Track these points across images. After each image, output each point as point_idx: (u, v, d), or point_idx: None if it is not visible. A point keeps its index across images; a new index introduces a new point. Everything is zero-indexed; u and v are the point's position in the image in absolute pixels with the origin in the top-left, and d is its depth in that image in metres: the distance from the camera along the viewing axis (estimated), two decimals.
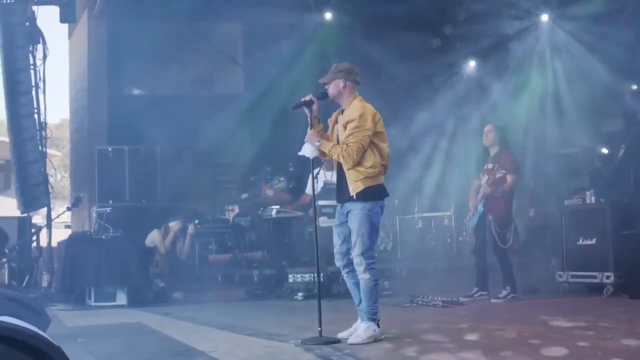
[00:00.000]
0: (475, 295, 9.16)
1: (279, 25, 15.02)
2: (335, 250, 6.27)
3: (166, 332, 7.04)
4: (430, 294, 8.85)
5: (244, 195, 12.62)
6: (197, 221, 12.40)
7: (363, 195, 5.93)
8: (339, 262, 6.24)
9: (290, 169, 13.96)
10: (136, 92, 17.05)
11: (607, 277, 8.71)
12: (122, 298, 10.19)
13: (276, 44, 15.12)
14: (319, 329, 5.91)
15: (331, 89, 6.12)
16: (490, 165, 9.30)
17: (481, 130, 9.94)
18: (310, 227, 12.54)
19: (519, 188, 10.52)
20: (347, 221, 6.10)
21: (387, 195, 6.23)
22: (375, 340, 5.84)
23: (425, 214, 14.44)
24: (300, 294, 10.38)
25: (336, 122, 6.28)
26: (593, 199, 9.37)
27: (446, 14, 13.86)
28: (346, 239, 6.10)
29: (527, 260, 12.89)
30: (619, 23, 12.38)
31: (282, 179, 13.10)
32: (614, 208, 9.04)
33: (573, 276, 9.32)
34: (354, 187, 5.93)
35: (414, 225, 14.40)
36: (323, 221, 10.50)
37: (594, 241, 9.06)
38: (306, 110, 6.17)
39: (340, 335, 6.02)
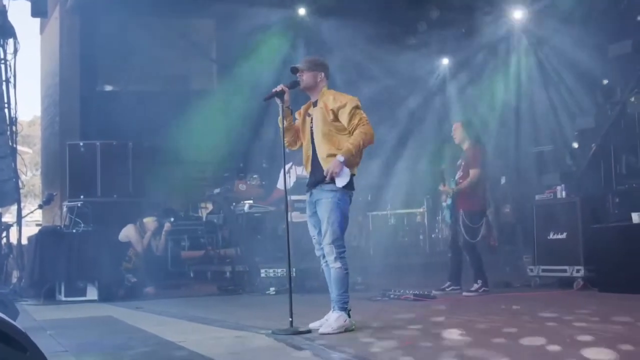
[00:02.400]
0: (447, 290, 9.21)
1: (252, 21, 14.94)
2: (314, 241, 6.27)
3: (136, 325, 7.00)
4: (402, 288, 8.87)
5: (217, 191, 12.55)
6: (172, 219, 12.32)
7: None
8: (318, 252, 6.24)
9: (264, 165, 13.95)
10: (109, 88, 16.92)
11: (578, 271, 8.79)
12: (92, 293, 10.12)
13: (250, 40, 15.05)
14: (290, 319, 5.90)
15: (307, 80, 6.12)
16: (461, 161, 9.38)
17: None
18: (283, 223, 12.55)
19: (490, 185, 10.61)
20: (316, 211, 6.09)
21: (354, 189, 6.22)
22: (347, 330, 5.83)
23: (398, 211, 14.48)
24: (272, 288, 10.38)
25: (307, 114, 6.26)
26: (564, 193, 9.45)
27: (420, 11, 13.85)
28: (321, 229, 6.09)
29: (499, 256, 13.02)
30: (590, 20, 12.48)
31: (255, 176, 13.06)
32: (585, 203, 9.11)
33: (544, 270, 9.39)
34: None
35: (387, 221, 14.44)
36: (296, 216, 10.52)
37: (564, 235, 9.14)
38: (278, 101, 6.18)
39: (312, 325, 6.01)
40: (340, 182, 5.91)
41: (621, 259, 8.06)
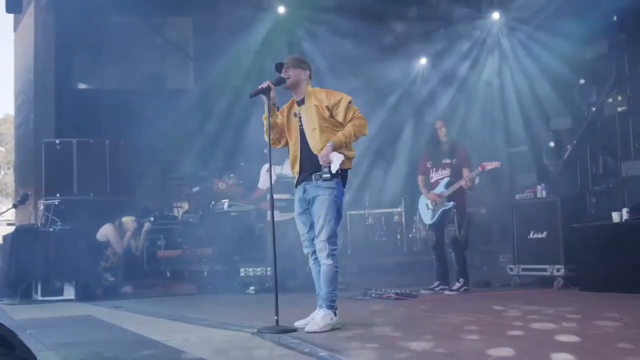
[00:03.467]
0: (436, 289, 9.21)
1: (229, 20, 14.87)
2: (302, 239, 6.23)
3: (117, 324, 6.92)
4: (383, 287, 8.86)
5: (196, 189, 12.46)
6: (152, 218, 12.22)
7: (342, 174, 5.99)
8: (307, 249, 6.20)
9: (241, 164, 13.87)
10: (84, 86, 16.74)
11: (558, 270, 8.83)
12: (69, 292, 10.01)
13: (227, 39, 14.96)
14: (276, 317, 5.85)
15: (293, 77, 6.09)
16: (447, 160, 9.36)
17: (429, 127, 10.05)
18: (260, 222, 12.49)
19: None
20: (309, 208, 6.05)
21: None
22: (333, 328, 5.80)
23: (376, 210, 14.48)
24: (252, 287, 10.34)
25: (294, 114, 6.22)
26: (544, 193, 9.48)
27: (398, 10, 13.87)
28: (312, 226, 6.06)
29: (476, 256, 13.05)
30: (567, 20, 12.55)
31: (232, 175, 12.99)
32: (565, 202, 9.15)
33: (524, 269, 9.42)
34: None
35: (364, 220, 14.44)
36: (276, 215, 10.45)
37: (544, 235, 9.18)
38: (264, 98, 6.12)
39: (297, 324, 5.98)
40: (335, 166, 5.90)
41: (601, 258, 8.10)
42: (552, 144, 13.50)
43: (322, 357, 4.52)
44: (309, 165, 6.05)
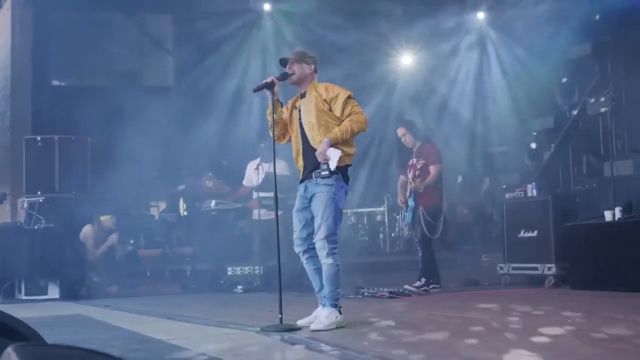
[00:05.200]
0: (429, 288, 9.18)
1: (209, 16, 14.74)
2: (295, 236, 6.16)
3: (113, 323, 6.80)
4: (375, 286, 8.83)
5: (181, 187, 12.33)
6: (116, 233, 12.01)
7: (341, 172, 5.90)
8: (298, 248, 6.14)
9: (224, 162, 13.79)
10: (62, 82, 16.50)
11: (549, 269, 8.83)
12: (54, 291, 9.85)
13: (207, 35, 14.84)
14: (280, 315, 5.79)
15: (298, 72, 6.02)
16: (414, 160, 9.36)
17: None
18: (242, 221, 12.41)
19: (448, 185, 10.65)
20: (309, 206, 5.99)
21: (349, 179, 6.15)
22: (338, 326, 5.75)
23: (358, 209, 14.45)
24: (239, 286, 10.28)
25: (295, 107, 6.17)
26: (535, 192, 9.49)
27: (382, 8, 13.85)
28: (307, 224, 6.00)
29: (457, 255, 13.08)
30: (550, 20, 12.64)
31: (210, 174, 12.91)
32: (556, 200, 9.17)
33: (514, 268, 9.42)
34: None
35: (347, 220, 14.39)
36: (263, 214, 10.39)
37: (535, 233, 9.18)
38: (268, 93, 6.05)
39: (300, 322, 5.93)
40: (333, 163, 5.83)
41: (594, 257, 8.12)
42: (533, 145, 13.59)
43: (347, 355, 4.45)
44: (310, 160, 5.98)
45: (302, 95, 6.12)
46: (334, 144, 5.84)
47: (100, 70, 16.02)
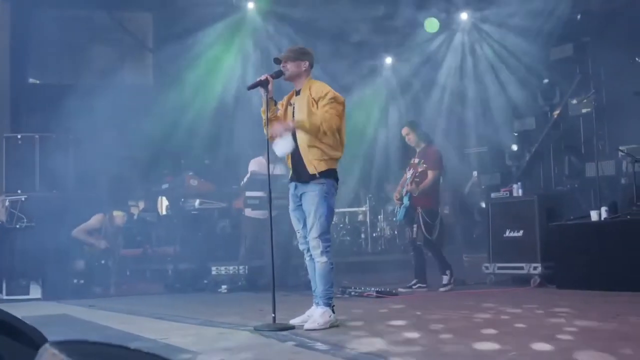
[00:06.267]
0: (414, 287, 9.22)
1: (191, 14, 14.65)
2: (298, 235, 6.16)
3: (101, 323, 6.71)
4: (362, 286, 8.83)
5: (165, 186, 12.22)
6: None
7: (326, 174, 5.86)
8: (303, 246, 6.13)
9: (206, 161, 13.71)
10: (40, 80, 16.31)
11: (535, 268, 8.88)
12: (36, 291, 9.72)
13: (188, 34, 14.74)
14: (273, 315, 5.76)
15: (292, 69, 6.00)
16: (416, 160, 9.40)
17: (396, 126, 10.07)
18: (222, 221, 12.34)
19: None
20: (302, 204, 5.96)
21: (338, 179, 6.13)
22: (332, 326, 5.73)
23: (340, 209, 14.43)
24: (224, 286, 10.22)
25: (289, 104, 6.14)
26: (520, 191, 9.53)
27: (364, 9, 13.82)
28: (306, 222, 5.96)
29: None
30: (532, 22, 12.72)
31: (190, 173, 12.81)
32: (542, 200, 9.22)
33: (500, 267, 9.46)
34: (317, 166, 5.81)
35: None
36: (247, 213, 10.36)
37: (520, 233, 9.22)
38: (262, 91, 6.01)
39: (294, 321, 5.90)
40: (277, 147, 5.85)
41: (580, 256, 8.17)
42: (514, 147, 13.67)
43: (346, 354, 4.42)
44: (301, 160, 5.95)
45: (297, 93, 6.09)
46: (298, 128, 5.84)
47: (80, 68, 15.83)
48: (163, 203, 15.62)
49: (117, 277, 10.94)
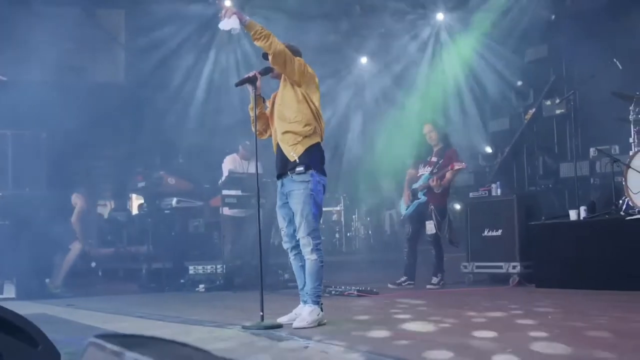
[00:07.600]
0: (404, 284, 9.25)
1: (162, 14, 14.53)
2: (282, 233, 6.08)
3: (83, 322, 6.61)
4: (342, 285, 8.82)
5: (142, 184, 12.08)
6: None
7: (306, 158, 5.78)
8: (286, 244, 6.06)
9: (180, 160, 13.61)
10: (7, 77, 16.05)
11: (514, 267, 8.93)
12: (10, 290, 9.56)
13: (160, 32, 14.61)
14: (261, 313, 5.71)
15: None
16: (434, 159, 9.46)
17: (373, 128, 10.09)
18: (195, 221, 12.25)
19: None
20: (288, 202, 5.92)
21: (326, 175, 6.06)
22: (320, 324, 5.70)
23: None
24: (202, 285, 10.15)
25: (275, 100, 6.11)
26: (499, 191, 9.59)
27: (342, 8, 13.82)
28: (292, 221, 5.92)
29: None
30: (507, 23, 12.81)
31: (161, 172, 12.71)
32: (521, 199, 9.28)
33: (478, 267, 9.50)
34: (295, 150, 5.77)
35: None
36: (226, 211, 10.31)
37: (499, 232, 9.27)
38: (250, 88, 5.97)
39: (281, 320, 5.84)
40: (223, 23, 5.73)
41: (558, 255, 8.22)
42: (488, 149, 13.76)
43: (346, 351, 4.39)
44: (283, 155, 5.90)
45: None
46: (248, 27, 5.69)
47: (49, 65, 15.61)
48: (135, 202, 15.49)
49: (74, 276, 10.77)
